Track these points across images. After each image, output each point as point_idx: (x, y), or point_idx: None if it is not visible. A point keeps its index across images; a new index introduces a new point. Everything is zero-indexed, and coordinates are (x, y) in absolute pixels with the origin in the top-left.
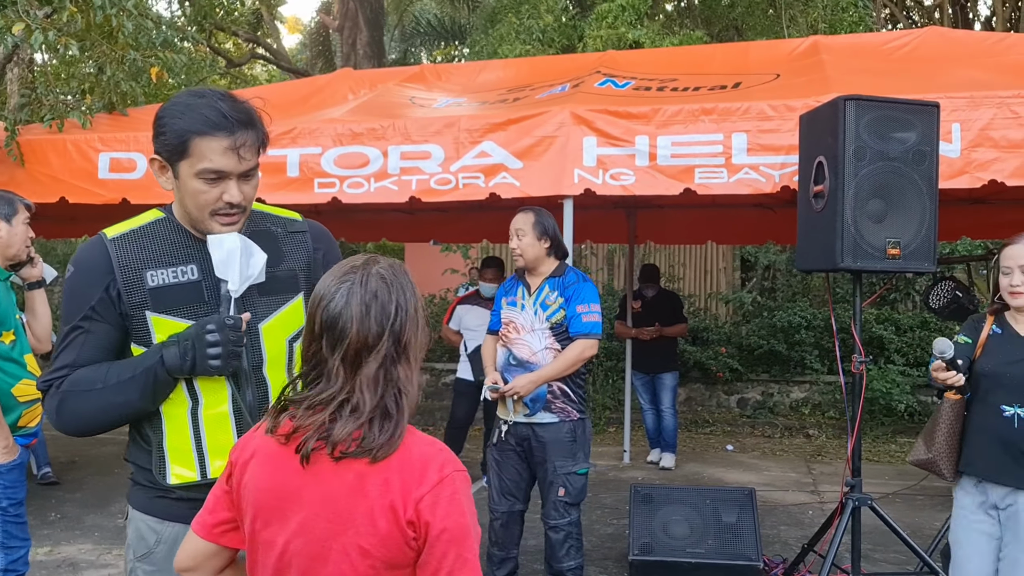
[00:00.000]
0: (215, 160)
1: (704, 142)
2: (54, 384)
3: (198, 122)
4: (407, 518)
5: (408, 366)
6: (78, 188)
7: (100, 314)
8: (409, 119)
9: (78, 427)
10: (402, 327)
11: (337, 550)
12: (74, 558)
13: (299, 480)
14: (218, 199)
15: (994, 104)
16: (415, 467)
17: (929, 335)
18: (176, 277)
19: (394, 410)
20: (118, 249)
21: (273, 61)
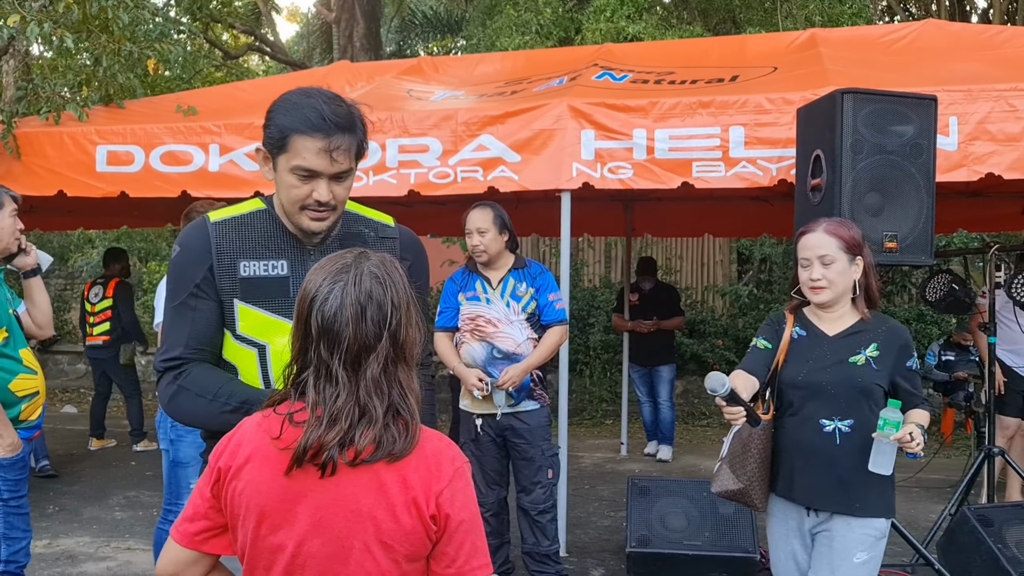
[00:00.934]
0: (308, 159)
1: (701, 135)
2: (171, 370)
3: (299, 121)
4: (430, 512)
5: (407, 364)
6: (76, 181)
7: (205, 292)
8: (407, 112)
9: (183, 420)
10: (399, 326)
11: (358, 547)
12: (72, 550)
13: (311, 481)
14: (308, 196)
15: (991, 97)
16: (430, 463)
17: (925, 328)
18: (267, 271)
19: (405, 411)
20: (218, 234)
21: (270, 53)
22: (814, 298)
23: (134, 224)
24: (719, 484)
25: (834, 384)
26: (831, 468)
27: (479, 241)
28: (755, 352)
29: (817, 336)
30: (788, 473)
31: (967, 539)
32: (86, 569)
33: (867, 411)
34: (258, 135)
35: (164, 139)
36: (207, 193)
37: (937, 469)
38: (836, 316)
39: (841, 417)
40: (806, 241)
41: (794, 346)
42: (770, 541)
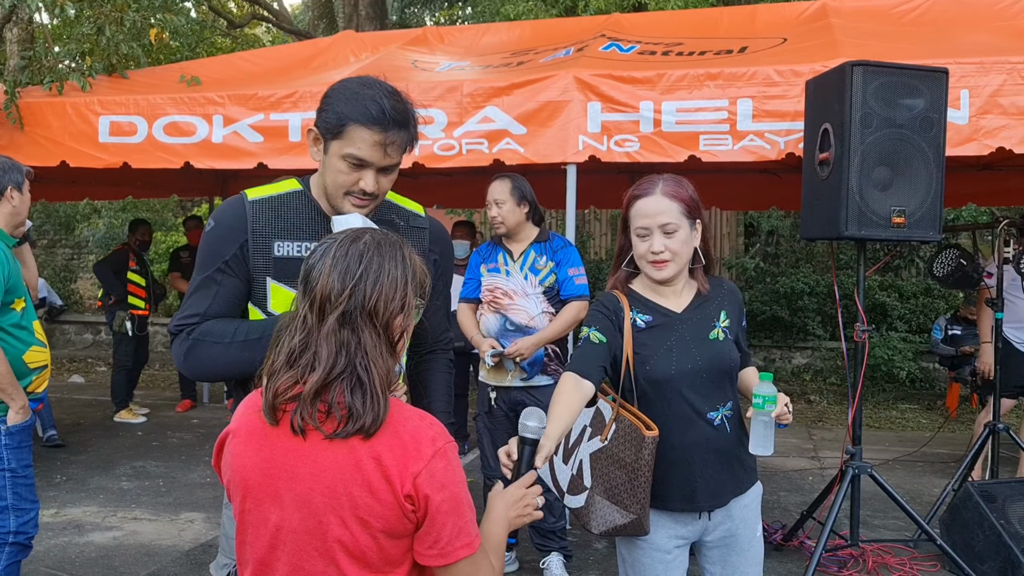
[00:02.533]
0: (363, 149)
1: (709, 108)
2: (185, 330)
3: (359, 111)
4: (405, 492)
5: (376, 335)
6: (78, 152)
7: (233, 269)
8: (411, 83)
9: (202, 373)
10: (368, 292)
11: (335, 523)
12: (79, 520)
13: (291, 457)
14: (355, 183)
15: (1004, 70)
16: (408, 442)
17: (933, 302)
18: (300, 252)
19: (366, 378)
20: (255, 213)
21: (274, 22)
22: (655, 274)
23: (139, 194)
24: (601, 522)
25: (706, 369)
26: (729, 461)
27: (496, 212)
28: (588, 347)
29: (667, 317)
30: (686, 483)
31: (970, 515)
32: (93, 538)
33: (732, 388)
34: (262, 106)
35: (167, 110)
36: (210, 164)
37: (942, 444)
38: (678, 290)
39: (723, 403)
40: (643, 207)
41: (643, 336)
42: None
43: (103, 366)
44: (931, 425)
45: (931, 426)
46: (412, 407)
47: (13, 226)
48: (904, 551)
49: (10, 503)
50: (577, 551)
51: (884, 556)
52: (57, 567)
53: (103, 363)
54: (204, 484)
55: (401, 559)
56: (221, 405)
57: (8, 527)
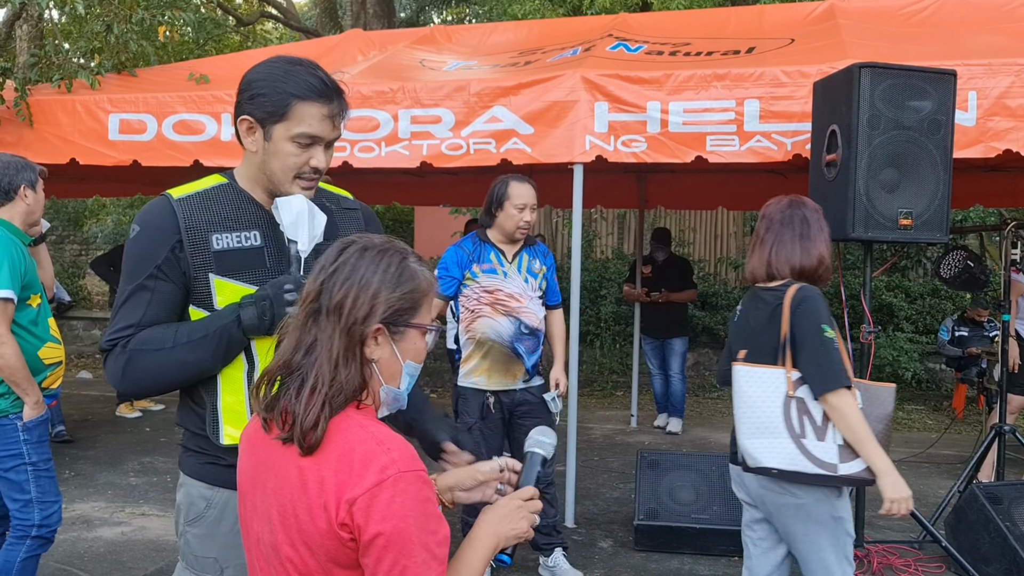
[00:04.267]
0: (313, 125)
1: (716, 109)
2: (119, 343)
3: (303, 87)
4: (339, 520)
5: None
6: (88, 149)
7: (166, 273)
8: (419, 82)
9: (144, 386)
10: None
11: (285, 543)
12: (88, 515)
13: (265, 467)
14: (305, 163)
15: (1012, 72)
16: (354, 466)
17: (940, 303)
18: (240, 242)
19: (308, 381)
20: (185, 210)
21: (282, 20)
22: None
23: (148, 192)
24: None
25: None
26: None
27: (529, 217)
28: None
29: None
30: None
31: (975, 517)
32: (101, 534)
33: None
34: None
35: (176, 108)
36: (219, 163)
37: (948, 445)
38: None
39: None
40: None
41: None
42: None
43: None
44: (937, 426)
45: (937, 427)
46: (385, 428)
47: (28, 224)
48: (909, 552)
49: (34, 496)
50: (582, 549)
51: (889, 557)
52: (66, 562)
53: None
54: None
55: None
56: None
57: (32, 520)
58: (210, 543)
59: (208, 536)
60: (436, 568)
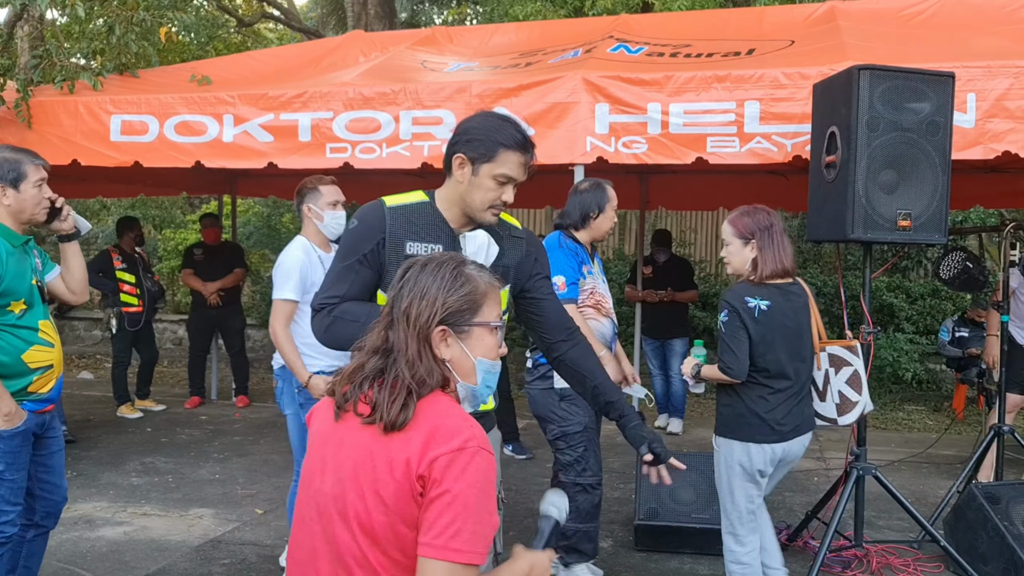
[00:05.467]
0: (512, 169)
1: (716, 110)
2: (327, 308)
3: (510, 140)
4: (419, 472)
5: (410, 338)
6: (90, 150)
7: (368, 261)
8: (420, 84)
9: (337, 344)
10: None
11: (354, 494)
12: (90, 515)
13: (340, 429)
14: (499, 197)
15: (1011, 74)
16: (441, 432)
17: (940, 303)
18: (426, 251)
19: (390, 378)
20: (392, 217)
21: (283, 20)
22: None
23: (150, 192)
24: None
25: None
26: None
27: (616, 220)
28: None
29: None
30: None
31: (974, 516)
32: (103, 533)
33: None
34: (272, 106)
35: (178, 109)
36: (220, 164)
37: (948, 445)
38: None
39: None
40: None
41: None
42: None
43: (111, 363)
44: (937, 427)
45: (937, 428)
46: (466, 413)
47: (19, 223)
48: (908, 552)
49: None
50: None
51: (888, 557)
52: (69, 561)
53: (111, 359)
54: (213, 480)
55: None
56: (230, 402)
57: None
58: None
59: None
60: (481, 545)
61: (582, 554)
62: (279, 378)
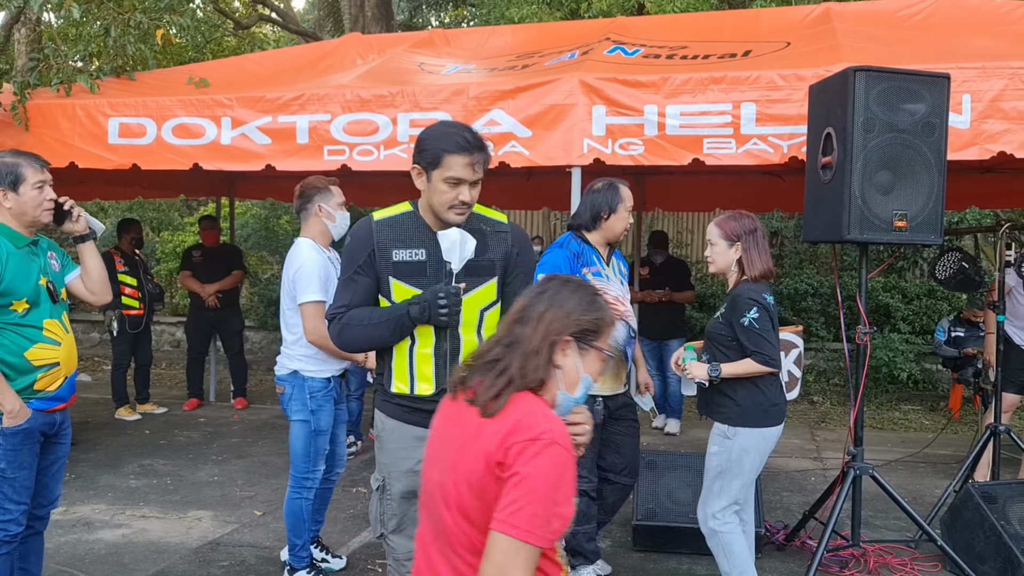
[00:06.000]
0: (458, 171)
1: (713, 112)
2: (337, 317)
3: (452, 145)
4: (497, 459)
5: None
6: (88, 153)
7: (365, 270)
8: (418, 86)
9: (350, 347)
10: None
11: (451, 481)
12: (88, 518)
13: (449, 423)
14: (455, 198)
15: (1005, 75)
16: (523, 424)
17: (936, 303)
18: (411, 256)
19: (503, 369)
20: (378, 229)
21: (280, 23)
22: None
23: (147, 195)
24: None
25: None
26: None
27: (631, 221)
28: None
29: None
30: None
31: (971, 516)
32: (102, 536)
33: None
34: (270, 108)
35: (176, 112)
36: (218, 166)
37: (944, 445)
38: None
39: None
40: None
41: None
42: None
43: (110, 364)
44: (934, 426)
45: (934, 427)
46: (549, 411)
47: (24, 225)
48: (905, 551)
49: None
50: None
51: (885, 556)
52: (67, 564)
53: (110, 362)
54: (211, 482)
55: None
56: (228, 404)
57: None
58: (384, 453)
59: (383, 449)
60: (543, 529)
61: (586, 557)
62: (286, 383)
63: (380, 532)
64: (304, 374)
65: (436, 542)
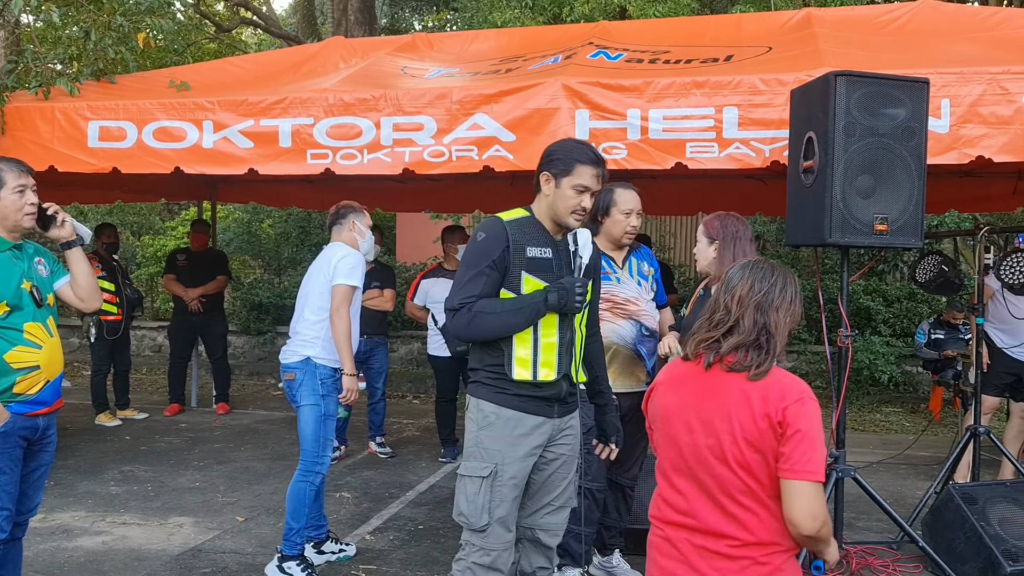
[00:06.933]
0: (586, 180)
1: (695, 116)
2: (467, 306)
3: (583, 156)
4: (777, 419)
5: (777, 318)
6: (67, 157)
7: (496, 265)
8: (401, 90)
9: (480, 335)
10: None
11: (728, 441)
12: (68, 525)
13: (699, 395)
14: (578, 204)
15: (984, 80)
16: (784, 389)
17: (916, 306)
18: (542, 254)
19: (765, 346)
20: (510, 229)
21: (262, 26)
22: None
23: (128, 199)
24: None
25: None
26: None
27: (637, 223)
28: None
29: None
30: None
31: (951, 517)
32: (81, 543)
33: None
34: (252, 112)
35: (157, 115)
36: (200, 170)
37: (925, 447)
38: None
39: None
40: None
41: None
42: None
43: (89, 370)
44: (915, 428)
45: (915, 429)
46: (789, 373)
47: (6, 229)
48: (887, 553)
49: None
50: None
51: (867, 558)
52: (46, 572)
53: (89, 367)
54: (192, 488)
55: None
56: (209, 409)
57: None
58: (496, 441)
59: (495, 437)
60: (822, 467)
61: (573, 558)
62: (296, 370)
63: (486, 521)
64: (316, 361)
65: (702, 497)
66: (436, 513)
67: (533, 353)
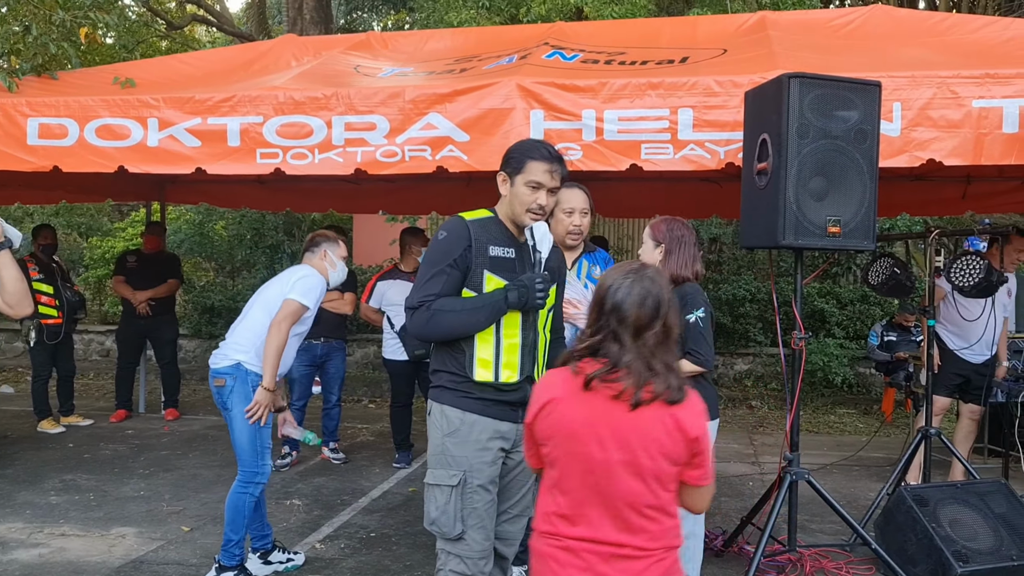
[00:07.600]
0: (539, 176)
1: (651, 117)
2: (425, 304)
3: (535, 153)
4: (692, 435)
5: (672, 343)
6: (5, 155)
7: (457, 264)
8: (353, 88)
9: (440, 335)
10: (668, 314)
11: (646, 456)
12: (3, 537)
13: (609, 414)
14: (533, 201)
15: (934, 84)
16: (694, 409)
17: (869, 308)
18: (505, 253)
19: (675, 374)
20: (473, 228)
21: (216, 24)
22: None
23: (72, 199)
24: None
25: None
26: None
27: (580, 222)
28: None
29: None
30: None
31: (903, 518)
32: (17, 556)
33: None
34: (199, 110)
35: (100, 112)
36: (145, 169)
37: (878, 448)
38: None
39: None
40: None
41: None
42: None
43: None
44: (867, 429)
45: (867, 430)
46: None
47: None
48: (840, 555)
49: None
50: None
51: (821, 560)
52: None
53: (31, 373)
54: (137, 498)
55: (676, 479)
56: (158, 415)
57: None
58: (463, 447)
59: (461, 443)
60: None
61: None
62: (227, 375)
63: (460, 530)
64: (247, 367)
65: (601, 507)
66: (389, 520)
67: (495, 354)
